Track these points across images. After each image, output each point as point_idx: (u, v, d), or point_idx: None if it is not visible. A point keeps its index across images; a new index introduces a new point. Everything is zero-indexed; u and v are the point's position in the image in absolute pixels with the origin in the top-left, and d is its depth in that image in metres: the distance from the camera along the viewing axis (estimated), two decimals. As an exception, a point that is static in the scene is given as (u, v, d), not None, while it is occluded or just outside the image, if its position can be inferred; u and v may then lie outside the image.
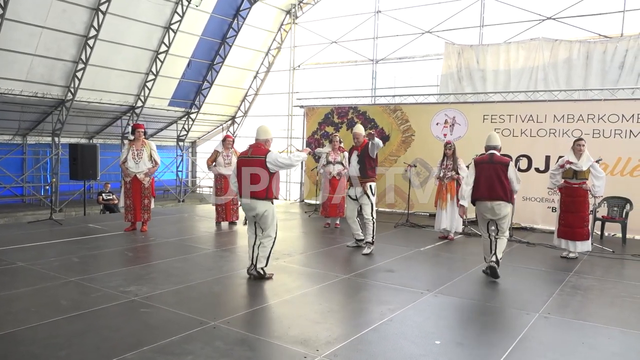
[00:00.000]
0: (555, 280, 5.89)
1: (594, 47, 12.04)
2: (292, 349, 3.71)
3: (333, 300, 4.93)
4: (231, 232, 8.54)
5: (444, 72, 14.07)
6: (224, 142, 8.94)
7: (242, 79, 18.32)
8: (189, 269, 6.00)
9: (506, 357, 3.66)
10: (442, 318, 4.60)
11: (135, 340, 3.75)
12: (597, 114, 9.35)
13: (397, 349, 3.79)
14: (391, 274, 5.97)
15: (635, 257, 7.28)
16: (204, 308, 4.55)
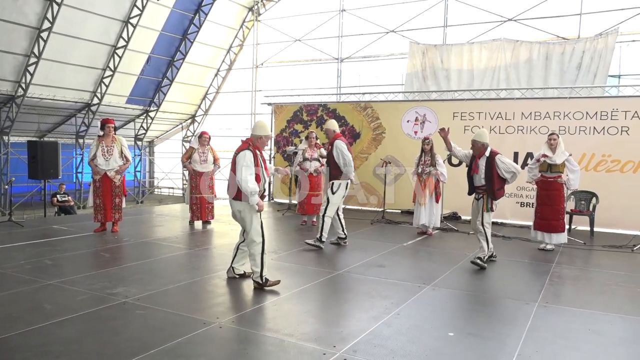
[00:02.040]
0: (542, 271, 6.01)
1: (553, 48, 12.50)
2: (308, 346, 3.56)
3: (334, 296, 4.81)
4: (206, 232, 8.24)
5: (409, 71, 14.24)
6: (200, 138, 8.62)
7: (203, 76, 17.87)
8: (174, 269, 5.72)
9: (521, 346, 3.66)
10: (447, 310, 4.57)
11: (140, 344, 3.49)
12: (562, 112, 9.68)
13: (415, 342, 3.72)
14: (383, 269, 5.91)
15: (606, 248, 7.56)
16: (203, 308, 4.32)
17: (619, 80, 12.43)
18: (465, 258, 6.54)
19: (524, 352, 3.54)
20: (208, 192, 8.70)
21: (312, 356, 3.40)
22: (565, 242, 7.38)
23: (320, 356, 3.39)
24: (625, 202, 8.87)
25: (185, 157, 8.67)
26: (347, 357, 3.39)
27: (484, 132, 6.35)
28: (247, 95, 17.34)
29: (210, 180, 8.76)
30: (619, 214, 8.90)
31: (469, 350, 3.57)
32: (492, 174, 6.07)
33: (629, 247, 7.55)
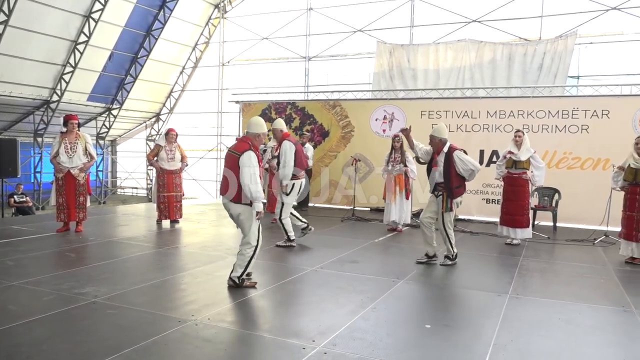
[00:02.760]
0: (510, 264, 6.16)
1: (515, 49, 12.84)
2: (288, 341, 3.53)
3: (309, 292, 4.79)
4: (175, 231, 8.08)
5: (376, 71, 14.35)
6: (167, 135, 8.44)
7: (167, 74, 17.54)
8: (144, 268, 5.59)
9: (496, 336, 3.73)
10: (422, 303, 4.62)
11: (114, 343, 3.38)
12: (525, 110, 9.95)
13: (393, 334, 3.74)
14: (356, 265, 5.93)
15: (569, 242, 7.81)
16: (177, 306, 4.23)
17: (578, 80, 12.87)
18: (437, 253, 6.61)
19: (499, 342, 3.61)
20: (176, 191, 8.54)
21: (292, 351, 3.37)
22: (530, 236, 7.59)
23: (300, 351, 3.37)
24: (585, 198, 9.17)
25: (152, 155, 8.48)
26: (327, 350, 3.38)
27: (442, 127, 6.09)
28: (213, 94, 17.12)
29: (179, 179, 8.60)
30: (579, 210, 9.20)
31: (446, 341, 3.62)
32: (450, 171, 5.84)
33: (590, 240, 7.82)
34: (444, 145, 5.97)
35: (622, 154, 8.52)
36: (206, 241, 7.15)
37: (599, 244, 7.67)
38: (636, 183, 6.20)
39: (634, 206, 6.24)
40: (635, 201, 6.23)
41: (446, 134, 6.07)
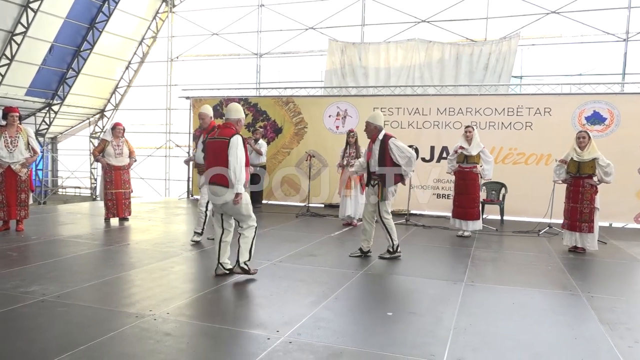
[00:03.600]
0: (463, 255, 6.34)
1: (463, 49, 13.23)
2: (251, 332, 3.49)
3: (270, 285, 4.74)
4: (124, 228, 7.80)
5: (328, 68, 14.41)
6: (113, 130, 8.13)
7: (112, 68, 16.88)
8: (95, 265, 5.36)
9: (456, 320, 3.83)
10: (382, 292, 4.68)
11: (69, 340, 3.22)
12: (473, 108, 10.30)
13: (356, 322, 3.77)
14: (315, 258, 5.94)
15: (516, 234, 8.14)
16: (133, 302, 4.08)
17: (521, 80, 13.42)
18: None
19: (459, 326, 3.71)
20: (125, 187, 8.25)
21: (257, 341, 3.32)
22: (481, 228, 7.85)
23: (265, 341, 3.33)
24: (530, 192, 9.58)
25: (98, 151, 8.14)
26: (292, 340, 3.35)
27: (378, 114, 5.99)
28: (161, 90, 16.63)
29: (127, 175, 8.32)
30: (524, 203, 9.61)
31: (410, 327, 3.68)
32: (384, 159, 5.76)
33: (535, 232, 8.18)
34: (379, 133, 5.88)
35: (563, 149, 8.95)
36: (158, 238, 6.94)
37: (543, 234, 8.04)
38: (579, 175, 6.54)
39: (577, 198, 6.57)
40: (578, 193, 6.56)
41: (382, 121, 5.98)
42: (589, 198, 6.46)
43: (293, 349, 3.21)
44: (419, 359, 3.11)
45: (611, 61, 12.16)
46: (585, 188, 6.48)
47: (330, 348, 3.23)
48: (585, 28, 12.23)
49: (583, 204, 6.48)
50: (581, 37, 12.55)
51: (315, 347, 3.24)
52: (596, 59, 12.42)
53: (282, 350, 3.18)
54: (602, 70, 12.13)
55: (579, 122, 9.60)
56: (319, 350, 3.19)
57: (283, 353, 3.15)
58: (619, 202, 9.14)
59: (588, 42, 12.42)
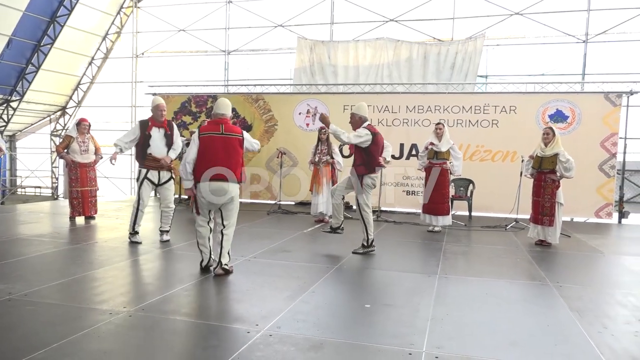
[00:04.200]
0: (435, 249, 6.45)
1: (430, 48, 13.44)
2: (230, 326, 3.45)
3: (245, 280, 4.70)
4: (90, 227, 7.59)
5: (297, 66, 14.38)
6: (78, 126, 7.90)
7: (75, 64, 16.39)
8: (62, 264, 5.20)
9: (433, 311, 3.88)
10: (359, 286, 4.71)
11: (41, 338, 3.11)
12: (442, 106, 10.49)
13: (335, 315, 3.78)
14: (289, 254, 5.92)
15: (484, 229, 8.33)
16: (106, 299, 3.97)
17: (487, 79, 13.72)
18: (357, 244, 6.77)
19: (437, 316, 3.77)
20: (91, 185, 8.03)
21: (237, 335, 3.29)
22: (450, 223, 7.98)
23: (245, 335, 3.30)
24: (496, 188, 9.81)
25: (62, 147, 7.89)
26: (272, 333, 3.33)
27: (361, 105, 6.11)
28: (126, 87, 16.26)
29: (93, 172, 8.10)
30: (491, 199, 9.83)
31: (388, 318, 3.71)
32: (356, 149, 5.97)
33: (502, 227, 8.39)
34: (363, 124, 5.98)
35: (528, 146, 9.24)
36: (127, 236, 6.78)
37: (510, 229, 8.25)
38: (541, 170, 6.74)
39: (540, 192, 6.78)
40: (540, 187, 6.78)
41: (365, 112, 6.06)
42: (550, 192, 6.67)
43: (274, 341, 3.19)
44: (399, 348, 3.14)
45: (572, 62, 12.59)
46: (547, 183, 6.69)
47: (311, 340, 3.23)
48: (547, 29, 12.61)
49: (544, 198, 6.70)
50: (543, 38, 12.93)
51: (296, 339, 3.23)
52: (558, 60, 12.83)
53: (262, 343, 3.16)
54: (564, 70, 12.54)
55: (542, 120, 9.89)
56: (300, 342, 3.18)
57: (264, 345, 3.12)
58: (580, 197, 9.46)
59: (550, 43, 12.80)
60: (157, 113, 6.32)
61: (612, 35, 12.11)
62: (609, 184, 9.60)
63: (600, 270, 5.84)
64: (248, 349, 3.06)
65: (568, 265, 5.82)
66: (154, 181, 6.36)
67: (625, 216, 9.99)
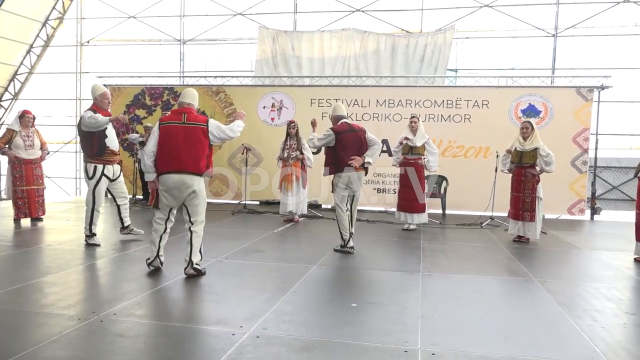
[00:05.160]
0: (413, 247, 6.58)
1: (398, 40, 13.66)
2: (213, 329, 3.43)
3: (220, 281, 4.67)
4: (39, 229, 7.33)
5: (258, 57, 14.31)
6: (22, 118, 7.61)
7: (11, 52, 15.73)
8: (14, 268, 5.01)
9: (421, 308, 3.98)
10: (341, 285, 4.76)
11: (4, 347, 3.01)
12: (413, 100, 10.70)
13: (322, 315, 3.81)
14: (263, 254, 5.92)
15: (460, 226, 8.55)
16: (71, 304, 3.86)
17: (456, 73, 14.08)
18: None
19: (426, 313, 3.86)
20: (37, 183, 7.76)
21: (221, 338, 3.27)
22: (426, 221, 8.15)
23: (230, 337, 3.29)
24: (469, 185, 10.08)
25: (3, 142, 7.58)
26: (259, 334, 3.34)
27: (336, 105, 6.50)
28: (70, 77, 15.75)
29: (39, 169, 7.84)
30: (465, 197, 10.09)
31: (377, 316, 3.78)
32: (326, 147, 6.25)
33: (478, 224, 8.64)
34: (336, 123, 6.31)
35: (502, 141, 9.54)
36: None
37: (486, 226, 8.51)
38: (521, 165, 6.99)
39: (520, 187, 7.03)
40: (520, 182, 7.02)
41: (340, 111, 6.39)
42: (531, 187, 6.93)
43: (262, 343, 3.20)
44: (393, 346, 3.21)
45: (541, 56, 13.08)
46: (527, 177, 6.94)
47: (301, 340, 3.26)
48: (517, 22, 13.05)
49: (525, 193, 6.95)
50: (513, 31, 13.37)
51: (285, 340, 3.25)
52: (528, 54, 13.31)
53: (251, 345, 3.16)
54: (534, 64, 13.02)
55: (515, 114, 10.23)
56: (291, 343, 3.20)
57: (253, 347, 3.13)
58: (553, 194, 9.83)
59: (520, 36, 13.25)
60: (103, 102, 6.24)
61: (582, 29, 12.67)
62: (581, 179, 10.03)
63: (580, 265, 6.11)
64: (237, 351, 3.05)
65: (548, 260, 6.06)
66: (110, 177, 6.29)
67: (598, 212, 10.46)
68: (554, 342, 3.36)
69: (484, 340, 3.35)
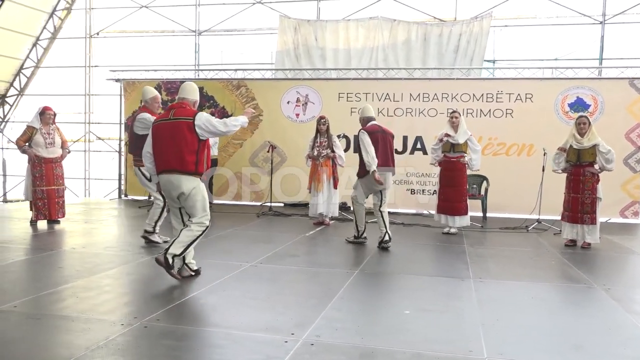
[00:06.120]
0: (458, 252, 6.61)
1: (430, 29, 13.68)
2: (262, 335, 3.51)
3: (260, 287, 4.76)
4: (58, 232, 7.48)
5: (279, 49, 14.42)
6: (42, 115, 7.80)
7: (17, 45, 16.05)
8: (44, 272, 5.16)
9: (481, 316, 4.02)
10: (388, 291, 4.83)
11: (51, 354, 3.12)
12: (450, 93, 10.71)
13: (374, 322, 3.87)
14: (298, 258, 6.03)
15: (503, 230, 8.55)
16: (110, 309, 3.98)
17: (494, 64, 14.05)
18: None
19: (486, 321, 3.90)
20: (58, 184, 7.93)
21: (274, 345, 3.35)
22: (469, 224, 8.16)
23: (282, 344, 3.36)
24: (511, 186, 10.05)
25: (23, 140, 7.77)
26: (313, 342, 3.41)
27: (365, 107, 7.12)
28: (79, 72, 16.02)
29: (60, 169, 8.01)
30: (507, 198, 10.07)
31: (433, 324, 3.83)
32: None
33: (523, 227, 8.63)
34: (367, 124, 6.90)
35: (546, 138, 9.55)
36: (108, 241, 6.77)
37: (532, 230, 8.49)
38: (579, 164, 6.97)
39: (578, 188, 6.99)
40: (579, 182, 6.99)
41: (370, 112, 7.05)
42: (590, 187, 6.91)
43: (318, 350, 3.27)
44: (460, 355, 3.26)
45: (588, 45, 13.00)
46: (586, 177, 6.93)
47: (359, 348, 3.32)
48: (561, 9, 12.99)
49: (584, 194, 6.92)
50: (557, 18, 13.32)
51: (343, 348, 3.31)
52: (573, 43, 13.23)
53: (307, 353, 3.23)
54: (580, 54, 12.93)
55: (562, 109, 10.20)
56: (349, 351, 3.27)
57: (309, 355, 3.20)
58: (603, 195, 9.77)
59: (564, 24, 13.19)
60: (154, 105, 6.67)
61: (632, 15, 12.56)
62: (634, 179, 9.97)
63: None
64: (293, 359, 3.13)
65: (608, 267, 6.06)
66: None
67: (654, 215, 10.37)
68: (631, 351, 3.38)
69: (555, 350, 3.39)
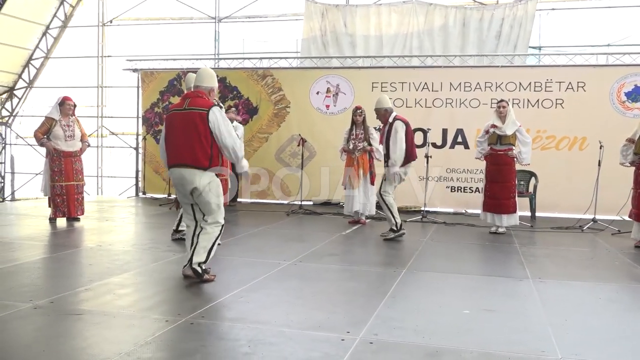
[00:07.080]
0: (510, 252, 6.62)
1: (470, 14, 13.64)
2: (317, 333, 3.57)
3: (304, 285, 4.84)
4: (78, 230, 7.64)
5: (305, 36, 14.50)
6: (62, 106, 7.93)
7: (25, 35, 16.35)
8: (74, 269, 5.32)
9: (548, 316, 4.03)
10: (442, 291, 4.85)
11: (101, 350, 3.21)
12: (494, 82, 10.67)
13: (433, 322, 3.90)
14: (338, 257, 6.14)
15: (556, 230, 8.50)
16: (150, 306, 4.08)
17: (540, 51, 13.96)
18: (423, 243, 6.96)
19: (554, 322, 3.91)
20: (77, 179, 8.08)
21: (331, 343, 3.40)
22: (517, 223, 8.12)
23: (340, 342, 3.41)
24: (562, 183, 9.99)
25: (42, 132, 7.92)
26: (372, 340, 3.46)
27: (382, 98, 7.40)
28: (91, 62, 16.27)
29: (79, 163, 8.16)
30: (557, 196, 10.00)
31: (496, 325, 3.85)
32: (389, 139, 7.14)
33: (577, 227, 8.57)
34: (390, 115, 7.25)
35: (601, 130, 9.50)
36: (133, 239, 6.92)
37: (587, 230, 8.43)
38: (650, 156, 6.90)
39: (649, 183, 6.94)
40: (649, 177, 6.94)
41: (388, 103, 7.38)
42: (664, 182, 6.86)
43: (379, 349, 3.32)
44: (533, 355, 3.28)
45: None
46: (658, 171, 6.87)
47: (423, 347, 3.36)
48: (613, -10, 12.87)
49: (657, 190, 6.87)
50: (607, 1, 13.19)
51: (405, 347, 3.36)
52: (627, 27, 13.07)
53: (367, 351, 3.28)
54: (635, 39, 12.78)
55: (617, 98, 10.09)
56: (412, 350, 3.31)
57: (371, 353, 3.25)
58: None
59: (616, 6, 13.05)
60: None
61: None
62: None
63: None
64: (353, 357, 3.18)
65: (677, 268, 6.01)
66: None
67: None
68: None
69: (634, 351, 3.39)
